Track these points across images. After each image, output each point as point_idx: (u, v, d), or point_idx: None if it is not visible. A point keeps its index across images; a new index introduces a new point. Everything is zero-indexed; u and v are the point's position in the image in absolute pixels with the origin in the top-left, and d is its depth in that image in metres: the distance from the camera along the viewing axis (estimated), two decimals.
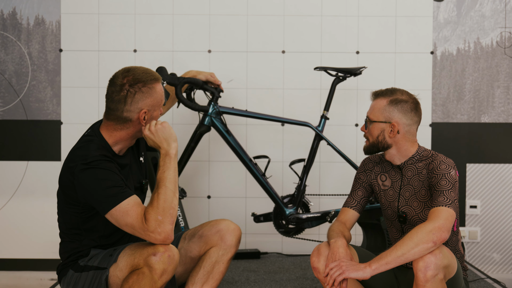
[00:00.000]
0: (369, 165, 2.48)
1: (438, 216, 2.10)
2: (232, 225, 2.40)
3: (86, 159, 2.12)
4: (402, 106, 2.30)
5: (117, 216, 2.07)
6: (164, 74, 2.89)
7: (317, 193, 3.60)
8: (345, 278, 2.08)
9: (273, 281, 3.04)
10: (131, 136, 2.26)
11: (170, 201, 2.09)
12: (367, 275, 2.06)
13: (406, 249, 2.04)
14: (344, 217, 2.42)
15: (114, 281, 2.16)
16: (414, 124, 2.33)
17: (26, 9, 3.58)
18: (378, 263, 2.06)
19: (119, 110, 2.19)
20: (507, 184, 3.64)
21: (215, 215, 3.60)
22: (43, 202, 3.57)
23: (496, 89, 3.64)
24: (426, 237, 2.04)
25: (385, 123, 2.31)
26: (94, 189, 2.09)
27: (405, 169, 2.34)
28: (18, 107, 3.59)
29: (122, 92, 2.18)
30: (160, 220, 2.05)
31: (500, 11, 3.62)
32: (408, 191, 2.33)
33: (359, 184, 2.47)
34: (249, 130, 3.61)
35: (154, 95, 2.21)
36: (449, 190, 2.16)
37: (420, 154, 2.33)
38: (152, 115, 2.23)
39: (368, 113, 2.37)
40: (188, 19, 3.59)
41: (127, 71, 2.22)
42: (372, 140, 2.35)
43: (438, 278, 2.03)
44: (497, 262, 3.66)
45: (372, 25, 3.61)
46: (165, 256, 2.06)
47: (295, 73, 3.61)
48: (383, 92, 2.35)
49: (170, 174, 2.15)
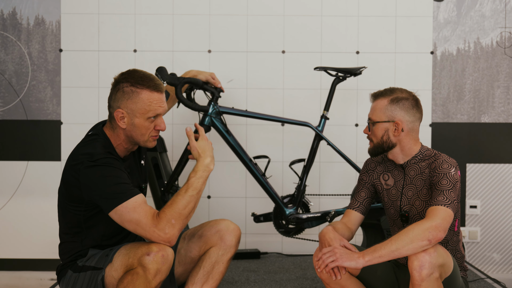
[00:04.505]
0: (371, 165, 2.48)
1: (436, 215, 2.10)
2: (232, 225, 2.40)
3: (92, 156, 2.12)
4: (403, 103, 2.31)
5: (122, 212, 2.06)
6: (164, 74, 2.89)
7: (317, 193, 3.60)
8: (338, 266, 2.09)
9: (273, 281, 3.04)
10: (123, 140, 2.24)
11: (189, 210, 2.11)
12: (359, 265, 2.07)
13: (401, 245, 2.05)
14: (346, 218, 2.42)
15: (110, 281, 2.16)
16: (416, 120, 2.33)
17: (26, 9, 3.58)
18: (372, 256, 2.07)
19: (108, 104, 2.24)
20: (507, 184, 3.64)
21: (215, 215, 3.60)
22: (43, 202, 3.57)
23: (496, 89, 3.64)
24: (422, 235, 2.05)
25: (388, 123, 2.31)
26: (100, 186, 2.09)
27: (408, 168, 2.35)
28: (18, 107, 3.59)
29: (114, 87, 2.22)
30: (173, 223, 2.06)
31: (500, 11, 3.62)
32: (410, 191, 2.34)
33: (362, 185, 2.47)
34: (249, 130, 3.61)
35: (134, 99, 2.17)
36: (449, 190, 2.16)
37: (423, 154, 2.33)
38: (133, 121, 2.19)
39: (370, 114, 2.37)
40: (188, 19, 3.59)
41: (129, 70, 2.24)
42: (377, 141, 2.35)
43: (434, 277, 2.03)
44: (497, 262, 3.66)
45: (372, 25, 3.61)
46: (159, 256, 2.06)
47: (295, 73, 3.61)
48: (382, 93, 2.35)
49: (202, 186, 2.17)
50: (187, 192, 2.12)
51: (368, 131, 2.38)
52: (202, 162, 2.19)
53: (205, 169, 2.19)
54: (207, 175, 2.19)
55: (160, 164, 3.19)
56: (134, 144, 2.28)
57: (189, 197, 2.11)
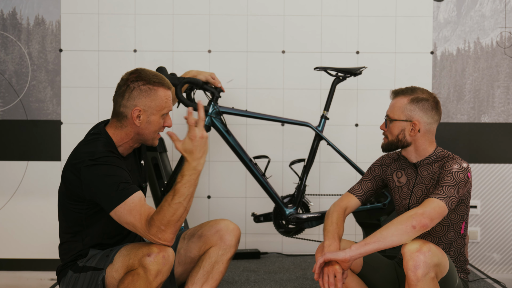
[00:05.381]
0: (387, 161, 2.48)
1: (425, 205, 2.12)
2: (232, 225, 2.39)
3: (94, 155, 2.12)
4: (423, 104, 2.30)
5: (120, 214, 2.06)
6: (164, 74, 2.89)
7: (317, 193, 3.60)
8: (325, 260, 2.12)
9: (273, 281, 3.04)
10: (131, 138, 2.25)
11: (178, 216, 2.04)
12: (346, 255, 2.09)
13: (386, 233, 2.08)
14: (347, 202, 2.43)
15: (110, 281, 2.16)
16: (434, 122, 2.33)
17: (26, 9, 3.58)
18: (358, 245, 2.11)
19: (117, 104, 2.22)
20: (507, 184, 3.64)
21: (215, 215, 3.60)
22: (43, 202, 3.57)
23: (496, 89, 3.64)
24: (406, 221, 2.08)
25: (406, 122, 2.31)
26: (100, 185, 2.09)
27: (421, 168, 2.35)
28: (18, 107, 3.59)
29: (123, 87, 2.20)
30: (163, 229, 2.04)
31: (500, 11, 3.62)
32: (420, 190, 2.34)
33: (371, 176, 2.48)
34: (249, 130, 3.61)
35: (153, 97, 2.20)
36: (449, 187, 2.17)
37: (437, 155, 2.33)
38: (149, 118, 2.21)
39: (388, 111, 2.37)
40: (188, 19, 3.59)
41: (136, 69, 2.25)
42: (392, 138, 2.35)
43: (429, 277, 2.03)
44: (497, 262, 3.66)
45: (372, 25, 3.61)
46: (160, 257, 2.05)
47: (295, 73, 3.61)
48: (403, 91, 2.34)
49: (189, 191, 2.06)
50: (173, 200, 2.04)
51: (384, 127, 2.38)
52: (188, 165, 2.07)
53: (192, 172, 2.07)
54: (195, 177, 2.07)
55: (160, 164, 3.19)
56: (140, 142, 2.29)
57: (176, 205, 2.03)
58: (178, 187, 2.05)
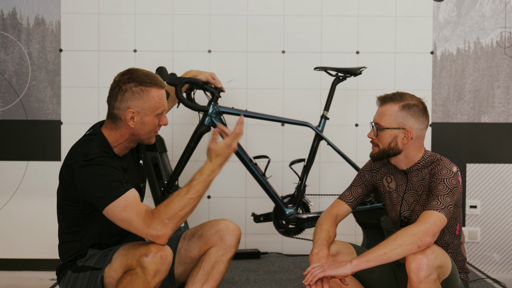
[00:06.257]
0: (376, 165, 2.43)
1: (426, 220, 2.07)
2: (232, 225, 2.39)
3: (87, 155, 2.12)
4: (414, 110, 2.25)
5: (113, 211, 2.05)
6: (164, 74, 2.89)
7: (317, 193, 3.60)
8: (326, 276, 2.06)
9: (273, 281, 3.04)
10: (126, 139, 2.25)
11: (186, 212, 2.07)
12: (347, 271, 2.05)
13: (389, 249, 2.04)
14: (338, 210, 2.40)
15: (109, 281, 2.16)
16: (424, 128, 2.29)
17: (26, 9, 3.58)
18: (359, 260, 2.06)
19: (111, 106, 2.22)
20: (507, 184, 3.64)
21: (215, 215, 3.60)
22: (43, 202, 3.57)
23: (496, 89, 3.64)
24: (410, 240, 2.03)
25: (398, 130, 2.25)
26: (92, 185, 2.09)
27: (411, 174, 2.32)
28: (18, 107, 3.59)
29: (116, 89, 2.21)
30: (166, 223, 2.04)
31: (500, 11, 3.62)
32: (411, 196, 2.31)
33: (361, 182, 2.44)
34: (249, 130, 3.61)
35: (145, 98, 2.19)
36: (445, 195, 2.13)
37: (426, 160, 2.29)
38: (143, 119, 2.21)
39: (378, 119, 2.29)
40: (188, 19, 3.59)
41: (128, 70, 2.24)
42: (383, 147, 2.28)
43: (432, 279, 2.02)
44: (497, 262, 3.66)
45: (372, 25, 3.61)
46: (158, 257, 2.05)
47: (295, 73, 3.61)
48: (391, 97, 2.28)
49: (203, 190, 2.12)
50: (187, 194, 2.08)
51: (373, 135, 2.31)
52: (210, 166, 2.14)
53: (210, 173, 2.13)
54: (211, 179, 2.13)
55: (160, 164, 3.19)
56: (136, 142, 2.29)
57: (188, 200, 2.07)
58: (194, 184, 2.10)
